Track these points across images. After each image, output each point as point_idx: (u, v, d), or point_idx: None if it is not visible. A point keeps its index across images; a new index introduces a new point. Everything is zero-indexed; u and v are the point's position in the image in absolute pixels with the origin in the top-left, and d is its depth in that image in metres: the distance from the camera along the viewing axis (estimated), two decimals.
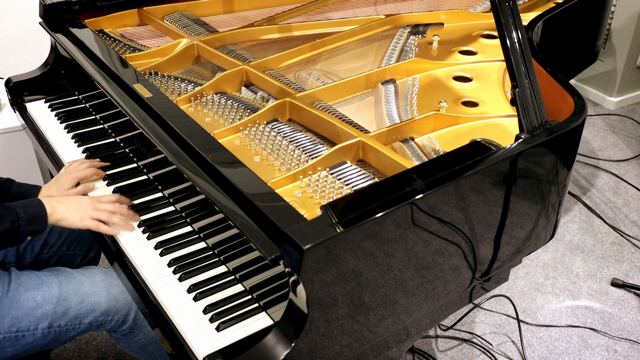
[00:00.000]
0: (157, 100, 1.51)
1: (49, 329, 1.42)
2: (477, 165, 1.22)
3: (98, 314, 1.46)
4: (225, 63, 1.83)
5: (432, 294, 1.30)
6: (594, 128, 3.47)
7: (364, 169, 1.42)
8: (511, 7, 1.28)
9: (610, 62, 3.56)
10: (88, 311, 1.45)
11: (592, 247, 2.62)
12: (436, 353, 2.14)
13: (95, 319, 1.47)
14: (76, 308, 1.44)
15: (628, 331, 2.23)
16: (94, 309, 1.46)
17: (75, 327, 1.46)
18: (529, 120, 1.30)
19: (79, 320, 1.45)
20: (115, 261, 1.44)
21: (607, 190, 2.96)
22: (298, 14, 2.23)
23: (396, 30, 2.10)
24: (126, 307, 1.50)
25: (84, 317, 1.45)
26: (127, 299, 1.49)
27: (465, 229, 1.27)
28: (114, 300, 1.48)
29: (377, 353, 1.30)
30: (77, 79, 1.98)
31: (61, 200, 1.43)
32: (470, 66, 1.87)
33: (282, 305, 1.16)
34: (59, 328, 1.44)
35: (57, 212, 1.39)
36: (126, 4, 2.13)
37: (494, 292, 2.35)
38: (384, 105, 1.68)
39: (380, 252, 1.13)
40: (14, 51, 2.79)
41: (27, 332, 1.40)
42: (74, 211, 1.41)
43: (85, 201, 1.44)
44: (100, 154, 1.73)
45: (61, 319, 1.43)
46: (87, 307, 1.45)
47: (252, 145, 1.52)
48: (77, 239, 1.71)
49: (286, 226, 1.06)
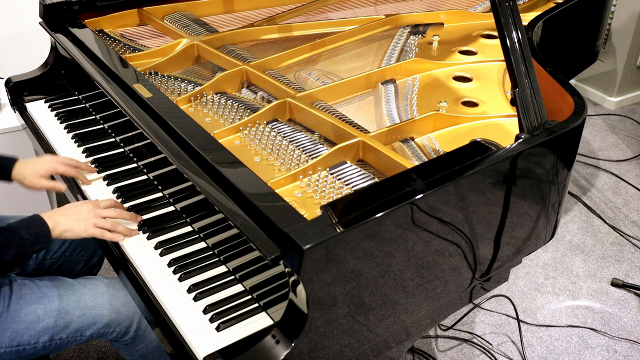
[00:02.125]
0: (157, 100, 1.51)
1: (50, 342, 1.41)
2: (477, 165, 1.22)
3: (100, 326, 1.45)
4: (225, 63, 1.83)
5: (432, 294, 1.30)
6: (594, 128, 3.47)
7: (364, 169, 1.42)
8: (511, 7, 1.28)
9: (610, 62, 3.56)
10: (89, 324, 1.44)
11: (592, 247, 2.62)
12: (436, 353, 2.14)
13: (96, 331, 1.45)
14: (77, 321, 1.43)
15: (628, 331, 2.23)
16: (95, 322, 1.44)
17: (76, 339, 1.45)
18: (529, 120, 1.30)
19: (80, 333, 1.44)
20: (117, 264, 1.43)
21: (607, 190, 2.96)
22: (298, 14, 2.23)
23: (396, 30, 2.10)
24: (128, 319, 1.48)
25: (85, 329, 1.44)
26: (129, 311, 1.47)
27: (465, 229, 1.27)
28: (115, 313, 1.46)
29: (377, 353, 1.30)
30: (77, 79, 1.98)
31: (61, 212, 1.40)
32: (470, 66, 1.87)
33: (282, 305, 1.16)
34: (60, 340, 1.42)
35: (59, 225, 1.37)
36: (126, 4, 2.13)
37: (494, 292, 2.35)
38: (384, 105, 1.68)
39: (380, 252, 1.13)
40: (14, 51, 2.79)
41: (28, 346, 1.39)
42: (76, 222, 1.38)
43: (85, 209, 1.41)
44: (100, 153, 1.73)
45: (62, 332, 1.42)
46: (89, 320, 1.44)
47: (252, 145, 1.52)
48: (80, 244, 1.71)
49: (286, 226, 1.06)
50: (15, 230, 1.31)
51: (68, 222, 1.38)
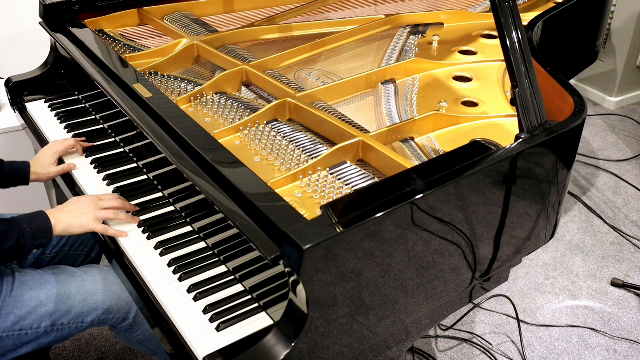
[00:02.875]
0: (157, 100, 1.51)
1: (52, 327, 1.43)
2: (477, 165, 1.22)
3: (100, 312, 1.47)
4: (225, 63, 1.84)
5: (432, 294, 1.30)
6: (594, 128, 3.47)
7: (364, 169, 1.42)
8: (511, 7, 1.28)
9: (610, 62, 3.56)
10: (90, 309, 1.46)
11: (592, 247, 2.62)
12: (436, 353, 2.14)
13: (97, 317, 1.48)
14: (79, 306, 1.45)
15: (628, 331, 2.23)
16: (96, 308, 1.47)
17: (77, 325, 1.47)
18: (529, 120, 1.30)
19: (81, 318, 1.46)
20: (114, 260, 1.44)
21: (607, 190, 2.96)
22: (298, 14, 2.23)
23: (396, 30, 2.10)
24: (127, 306, 1.50)
25: (86, 315, 1.46)
26: (128, 297, 1.50)
27: (465, 229, 1.27)
28: (116, 299, 1.48)
29: (377, 353, 1.30)
30: (77, 79, 1.98)
31: (63, 209, 1.41)
32: (470, 66, 1.87)
33: (282, 305, 1.16)
34: (61, 326, 1.44)
35: (60, 222, 1.38)
36: (126, 4, 2.13)
37: (494, 292, 2.35)
38: (384, 105, 1.68)
39: (380, 252, 1.13)
40: (14, 51, 2.79)
41: (30, 331, 1.41)
42: (77, 217, 1.40)
43: (85, 203, 1.42)
44: (100, 153, 1.73)
45: (64, 317, 1.44)
46: (90, 306, 1.46)
47: (252, 145, 1.52)
48: (79, 239, 1.72)
49: (286, 226, 1.06)
50: (17, 223, 1.33)
51: (69, 217, 1.39)
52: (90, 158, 1.72)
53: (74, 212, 1.40)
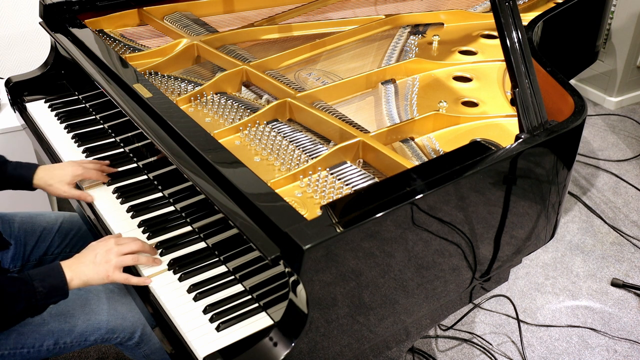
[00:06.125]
0: (157, 100, 1.51)
1: (54, 345, 1.40)
2: (477, 165, 1.22)
3: (104, 331, 1.44)
4: (225, 63, 1.84)
5: (432, 294, 1.30)
6: (594, 128, 3.47)
7: (364, 169, 1.42)
8: (511, 7, 1.28)
9: (610, 62, 3.56)
10: (94, 329, 1.43)
11: (592, 247, 2.62)
12: (436, 353, 2.14)
13: (100, 336, 1.44)
14: (82, 326, 1.42)
15: (628, 331, 2.23)
16: (99, 327, 1.43)
17: (80, 344, 1.43)
18: (529, 120, 1.30)
19: (84, 337, 1.43)
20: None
21: (607, 190, 2.96)
22: (298, 14, 2.23)
23: (396, 30, 2.10)
24: (133, 326, 1.47)
25: (89, 334, 1.43)
26: (134, 316, 1.47)
27: (465, 229, 1.27)
28: (120, 319, 1.45)
29: (377, 353, 1.30)
30: (77, 79, 1.98)
31: (80, 260, 1.30)
32: (470, 66, 1.87)
33: (282, 305, 1.16)
34: (64, 345, 1.41)
35: (77, 276, 1.27)
36: (126, 4, 2.13)
37: (494, 292, 2.35)
38: (384, 105, 1.68)
39: (380, 252, 1.13)
40: (14, 51, 2.79)
41: (32, 349, 1.38)
42: (95, 269, 1.29)
43: (103, 250, 1.31)
44: (100, 153, 1.73)
45: (67, 336, 1.41)
46: (93, 325, 1.43)
47: (252, 145, 1.52)
48: (81, 240, 1.71)
49: (286, 226, 1.06)
50: (30, 281, 1.24)
51: (88, 270, 1.29)
52: (90, 158, 1.72)
53: (91, 263, 1.29)
